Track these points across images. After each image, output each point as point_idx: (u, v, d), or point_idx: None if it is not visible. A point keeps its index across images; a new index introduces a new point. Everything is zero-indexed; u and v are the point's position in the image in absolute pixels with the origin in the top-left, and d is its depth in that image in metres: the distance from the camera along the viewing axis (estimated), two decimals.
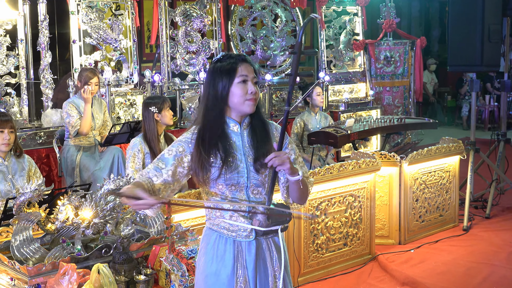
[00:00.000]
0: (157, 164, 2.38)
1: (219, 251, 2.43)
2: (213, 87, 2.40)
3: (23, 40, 6.19)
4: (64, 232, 3.08)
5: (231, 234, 2.43)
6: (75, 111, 5.40)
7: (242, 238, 2.43)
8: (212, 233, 2.47)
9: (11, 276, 2.87)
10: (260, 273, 2.46)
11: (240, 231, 2.42)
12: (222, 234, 2.45)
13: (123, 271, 2.94)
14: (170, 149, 2.41)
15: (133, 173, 4.52)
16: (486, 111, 12.10)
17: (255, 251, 2.44)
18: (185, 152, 2.39)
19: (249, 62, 2.43)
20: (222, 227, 2.44)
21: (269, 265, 2.48)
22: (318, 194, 4.80)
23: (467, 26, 6.37)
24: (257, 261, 2.45)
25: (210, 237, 2.47)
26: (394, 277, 4.84)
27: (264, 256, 2.48)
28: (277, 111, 8.01)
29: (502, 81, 7.20)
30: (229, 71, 2.37)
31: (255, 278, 2.44)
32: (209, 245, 2.46)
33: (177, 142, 2.43)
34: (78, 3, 6.52)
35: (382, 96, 9.25)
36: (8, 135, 4.04)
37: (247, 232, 2.42)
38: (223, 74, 2.38)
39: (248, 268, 2.44)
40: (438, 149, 5.84)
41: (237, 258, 2.43)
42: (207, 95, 2.42)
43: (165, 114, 4.63)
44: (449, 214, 6.08)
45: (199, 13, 7.47)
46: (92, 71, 5.52)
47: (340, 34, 9.16)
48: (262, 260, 2.47)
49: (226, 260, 2.43)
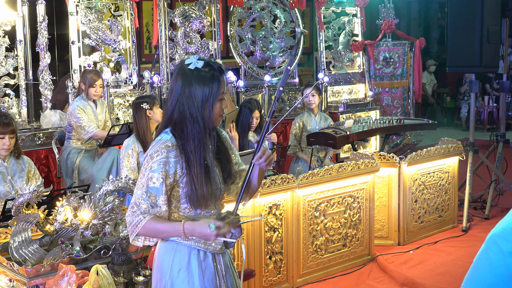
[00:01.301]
0: (148, 197, 2.27)
1: (200, 266, 2.37)
2: (194, 97, 2.28)
3: (22, 41, 6.19)
4: (63, 233, 3.08)
5: (208, 248, 2.39)
6: (84, 115, 5.40)
7: (217, 251, 2.42)
8: (184, 248, 2.36)
9: (10, 278, 2.86)
10: (233, 281, 2.51)
11: (214, 244, 2.39)
12: (199, 248, 2.37)
13: (122, 272, 2.94)
14: (152, 177, 2.26)
15: (129, 173, 4.54)
16: (485, 112, 12.10)
17: (228, 263, 2.49)
18: (170, 173, 2.28)
19: (224, 72, 2.35)
20: (197, 240, 2.35)
21: (235, 273, 2.55)
22: (317, 195, 4.80)
23: (466, 27, 6.38)
24: (229, 271, 2.49)
25: (183, 252, 2.36)
26: (393, 278, 4.84)
27: (229, 265, 2.53)
28: (276, 111, 8.01)
29: (500, 82, 7.20)
30: (215, 89, 2.29)
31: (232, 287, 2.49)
32: (184, 261, 2.36)
33: (158, 165, 2.27)
34: (77, 4, 6.52)
35: (381, 97, 9.25)
36: (9, 140, 4.01)
37: (220, 245, 2.41)
38: (209, 89, 2.28)
39: (227, 279, 2.46)
40: (437, 150, 5.84)
41: (217, 271, 2.43)
42: (188, 104, 2.29)
43: (156, 111, 4.71)
44: (448, 215, 6.09)
45: (198, 14, 7.47)
46: (96, 73, 5.53)
47: (339, 35, 9.16)
48: (229, 269, 2.51)
49: (210, 275, 2.40)
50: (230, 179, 2.47)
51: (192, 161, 2.27)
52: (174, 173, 2.28)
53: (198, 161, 2.28)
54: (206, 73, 2.29)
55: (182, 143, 2.29)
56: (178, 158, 2.28)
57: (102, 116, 5.66)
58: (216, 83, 2.29)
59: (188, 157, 2.28)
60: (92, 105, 5.56)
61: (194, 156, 2.27)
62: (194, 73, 2.29)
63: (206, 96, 2.28)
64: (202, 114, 2.29)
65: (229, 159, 2.47)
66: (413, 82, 9.30)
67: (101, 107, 5.68)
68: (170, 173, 2.27)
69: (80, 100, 5.51)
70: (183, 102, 2.30)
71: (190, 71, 2.30)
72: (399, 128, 6.88)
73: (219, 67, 2.33)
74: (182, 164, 2.28)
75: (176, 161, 2.27)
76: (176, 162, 2.28)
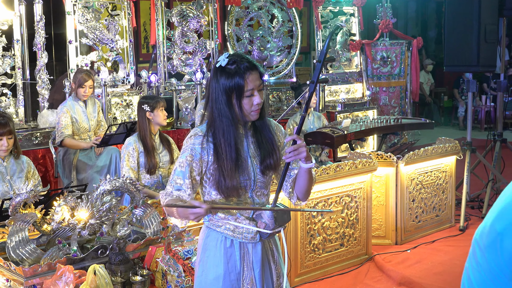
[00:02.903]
0: (175, 181, 2.39)
1: (226, 253, 2.43)
2: (221, 94, 2.35)
3: (19, 41, 6.17)
4: (60, 233, 3.08)
5: (237, 236, 2.43)
6: (67, 119, 5.37)
7: (247, 240, 2.44)
8: (214, 234, 2.46)
9: (7, 277, 2.86)
10: (266, 274, 2.50)
11: (245, 233, 2.43)
12: (226, 236, 2.44)
13: (119, 272, 2.94)
14: (181, 162, 2.39)
15: (129, 172, 4.52)
16: (482, 111, 12.12)
17: (261, 252, 2.47)
18: (195, 159, 2.37)
19: (256, 68, 2.38)
20: (227, 228, 2.43)
21: (272, 265, 2.53)
22: (315, 194, 4.80)
23: (463, 26, 6.38)
24: (263, 262, 2.48)
25: (213, 238, 2.46)
26: (390, 277, 4.84)
27: (268, 256, 2.52)
28: (273, 111, 8.01)
29: (498, 81, 7.21)
30: (237, 85, 2.33)
31: (262, 279, 2.47)
32: (213, 247, 2.45)
33: (185, 151, 2.40)
34: (74, 4, 6.51)
35: (379, 97, 9.26)
36: (7, 141, 4.00)
37: (252, 234, 2.43)
38: (231, 86, 2.33)
39: (254, 269, 2.46)
40: (434, 149, 5.85)
41: (243, 260, 2.45)
42: (216, 99, 2.37)
43: (158, 114, 4.63)
44: (445, 214, 6.09)
45: (195, 14, 7.47)
46: (87, 74, 5.50)
47: (337, 34, 9.16)
48: (266, 260, 2.50)
49: (234, 262, 2.43)
50: (270, 170, 2.47)
51: (221, 153, 2.35)
52: (199, 159, 2.37)
53: (228, 153, 2.34)
54: (231, 70, 2.34)
55: (213, 135, 2.37)
56: (204, 145, 2.37)
57: (94, 116, 5.63)
58: (239, 80, 2.32)
59: (217, 148, 2.36)
60: (81, 105, 5.53)
61: (222, 148, 2.35)
62: (220, 70, 2.36)
63: (230, 93, 2.34)
64: (230, 110, 2.36)
65: (271, 151, 2.45)
66: (410, 81, 9.31)
67: (93, 107, 5.65)
68: (196, 159, 2.37)
69: (70, 100, 5.51)
70: (213, 99, 2.38)
71: (217, 69, 2.37)
72: (397, 127, 6.88)
73: (246, 64, 2.35)
74: (209, 152, 2.36)
75: (202, 148, 2.36)
76: (203, 149, 2.37)
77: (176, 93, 6.92)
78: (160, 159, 4.65)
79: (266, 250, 2.50)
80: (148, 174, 4.62)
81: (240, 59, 2.36)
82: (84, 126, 5.50)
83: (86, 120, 5.52)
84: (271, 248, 2.53)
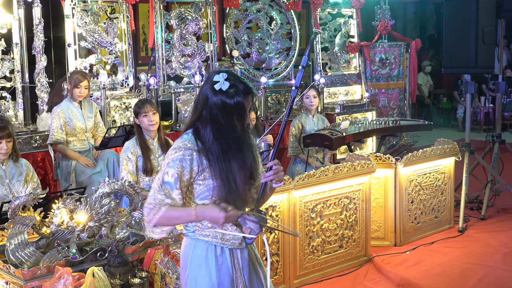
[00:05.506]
0: (163, 191, 2.40)
1: (217, 261, 2.47)
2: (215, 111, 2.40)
3: (18, 44, 6.18)
4: (59, 236, 3.08)
5: (225, 243, 2.49)
6: (58, 122, 5.38)
7: (235, 247, 2.50)
8: (203, 244, 2.49)
9: (6, 280, 2.87)
10: (253, 277, 2.56)
11: (232, 240, 2.49)
12: (216, 244, 2.48)
13: (118, 274, 2.94)
14: (168, 172, 2.40)
15: (127, 176, 4.52)
16: (481, 112, 12.12)
17: (248, 257, 2.54)
18: (185, 170, 2.40)
19: (251, 93, 2.46)
20: (215, 236, 2.47)
21: (258, 268, 2.60)
22: (314, 196, 4.81)
23: (461, 28, 6.40)
24: (249, 266, 2.55)
25: (202, 248, 2.49)
26: (389, 278, 4.85)
27: (253, 260, 2.59)
28: (272, 113, 8.02)
29: (496, 83, 7.21)
30: (238, 111, 2.42)
31: (251, 282, 2.54)
32: (203, 257, 2.48)
33: (173, 161, 2.41)
34: (73, 7, 6.52)
35: (378, 98, 9.27)
36: (6, 144, 4.01)
37: (239, 240, 2.50)
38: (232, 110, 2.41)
39: (244, 274, 2.52)
40: (433, 150, 5.86)
41: (234, 266, 2.50)
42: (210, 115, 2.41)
43: (141, 120, 4.55)
44: (444, 215, 6.10)
45: (194, 16, 7.47)
46: (82, 74, 5.50)
47: (335, 36, 9.17)
48: (252, 264, 2.58)
49: (226, 269, 2.48)
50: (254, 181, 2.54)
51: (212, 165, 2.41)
52: (190, 170, 2.40)
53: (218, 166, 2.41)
54: (230, 94, 2.40)
55: (202, 146, 2.42)
56: (194, 157, 2.40)
57: (91, 117, 5.62)
58: (237, 105, 2.41)
59: (208, 160, 2.41)
60: (76, 106, 5.52)
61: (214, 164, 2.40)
62: (219, 92, 2.40)
63: (226, 114, 2.40)
64: (224, 126, 2.41)
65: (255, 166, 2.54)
66: (409, 83, 9.32)
67: (89, 109, 5.64)
68: (186, 171, 2.39)
69: (65, 102, 5.51)
70: (206, 114, 2.42)
71: (215, 90, 2.41)
72: (395, 129, 6.88)
73: (244, 88, 2.42)
74: (198, 163, 2.40)
75: (191, 159, 2.40)
76: (191, 160, 2.40)
77: (175, 95, 6.93)
78: (159, 163, 4.63)
79: (251, 254, 2.58)
80: (146, 177, 4.61)
81: (238, 84, 2.43)
82: (80, 126, 5.49)
83: (82, 120, 5.51)
84: (254, 252, 2.61)
